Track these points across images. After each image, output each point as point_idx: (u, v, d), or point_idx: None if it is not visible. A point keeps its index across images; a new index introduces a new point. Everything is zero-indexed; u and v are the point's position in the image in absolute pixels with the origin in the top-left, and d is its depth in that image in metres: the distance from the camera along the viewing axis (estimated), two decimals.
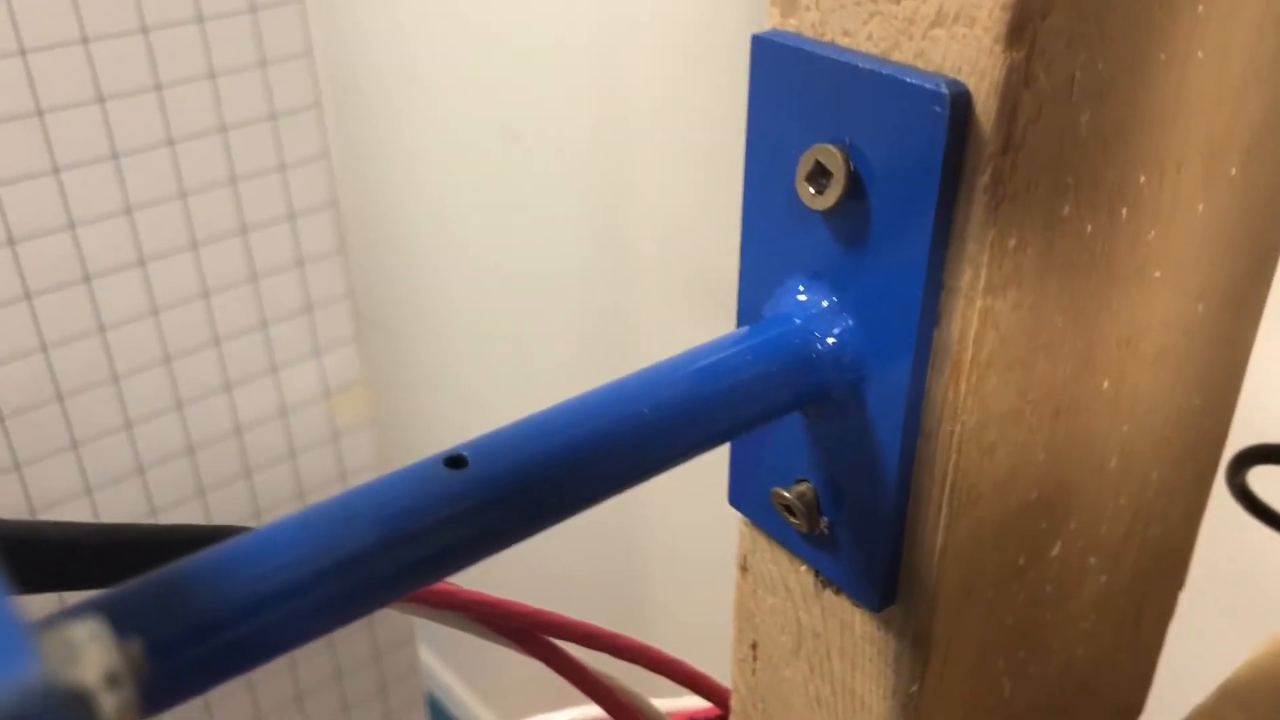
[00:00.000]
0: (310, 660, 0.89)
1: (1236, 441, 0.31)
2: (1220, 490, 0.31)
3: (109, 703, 0.09)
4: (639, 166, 0.83)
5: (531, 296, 0.98)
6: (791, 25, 0.20)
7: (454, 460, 0.17)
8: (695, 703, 0.33)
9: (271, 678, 0.87)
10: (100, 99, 0.68)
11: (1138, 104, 0.19)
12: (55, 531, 0.18)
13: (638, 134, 0.81)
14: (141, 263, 0.72)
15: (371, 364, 1.13)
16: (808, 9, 0.19)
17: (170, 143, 0.71)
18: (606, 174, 0.87)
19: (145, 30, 0.68)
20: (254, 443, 0.81)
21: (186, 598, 0.14)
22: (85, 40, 0.67)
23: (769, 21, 0.20)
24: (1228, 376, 0.26)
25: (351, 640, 0.91)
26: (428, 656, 1.38)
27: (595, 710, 0.31)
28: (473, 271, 1.05)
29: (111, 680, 0.09)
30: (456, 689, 1.36)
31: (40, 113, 0.66)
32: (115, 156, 0.69)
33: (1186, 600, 0.32)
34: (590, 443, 0.18)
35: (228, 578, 0.15)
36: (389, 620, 0.93)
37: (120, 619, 0.11)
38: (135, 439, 0.76)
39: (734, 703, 0.28)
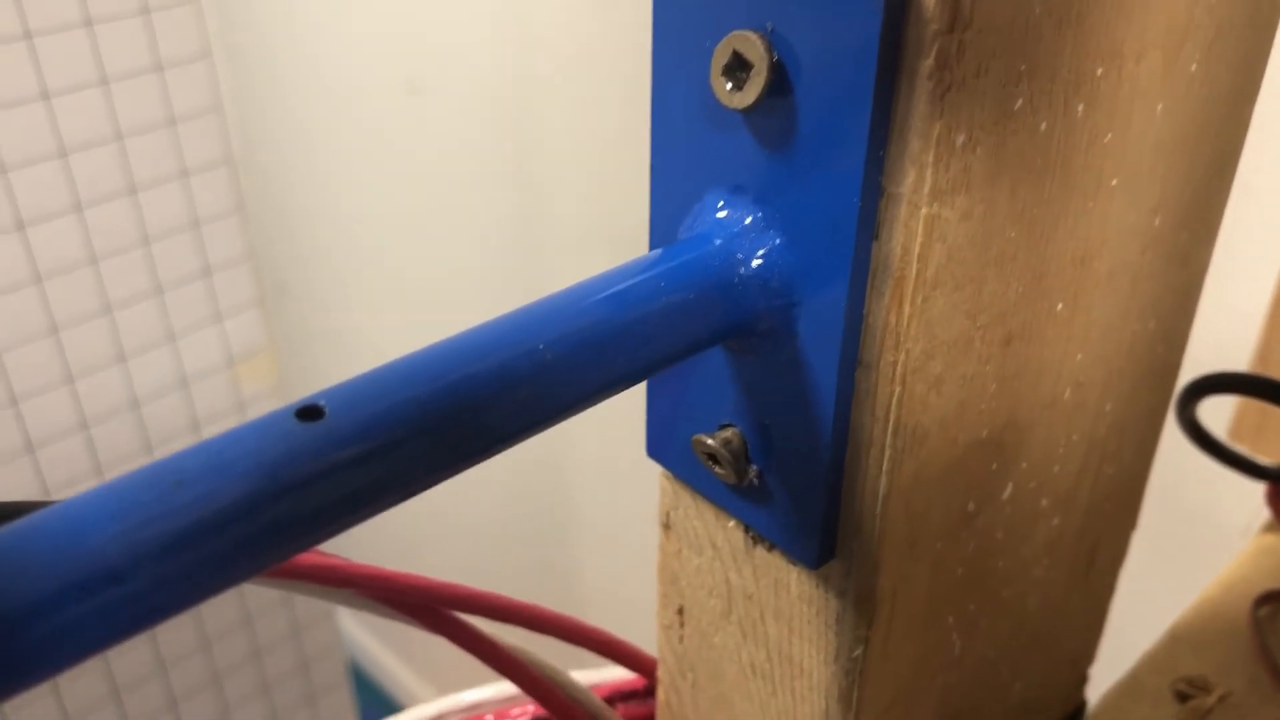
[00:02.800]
0: (227, 639, 0.86)
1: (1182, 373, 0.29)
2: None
3: None
4: (549, 116, 0.80)
5: (444, 254, 0.95)
6: None
7: (308, 411, 0.14)
8: (619, 674, 0.30)
9: (184, 660, 0.83)
10: None
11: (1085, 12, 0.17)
12: None
13: (547, 81, 0.78)
14: (21, 226, 0.67)
15: (277, 330, 1.09)
16: None
17: (46, 96, 0.66)
18: (515, 125, 0.83)
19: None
20: (153, 415, 0.76)
21: None
22: None
23: None
24: (1183, 298, 0.24)
25: (269, 617, 0.87)
26: (352, 626, 1.34)
27: (514, 689, 0.29)
28: (381, 230, 1.01)
29: None
30: (382, 657, 1.33)
31: None
32: None
33: (1135, 542, 0.30)
34: (476, 387, 0.15)
35: (26, 562, 0.12)
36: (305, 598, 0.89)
37: None
38: (23, 415, 0.71)
39: (661, 673, 0.25)
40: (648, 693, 0.29)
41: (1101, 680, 0.32)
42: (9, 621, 0.12)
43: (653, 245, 0.19)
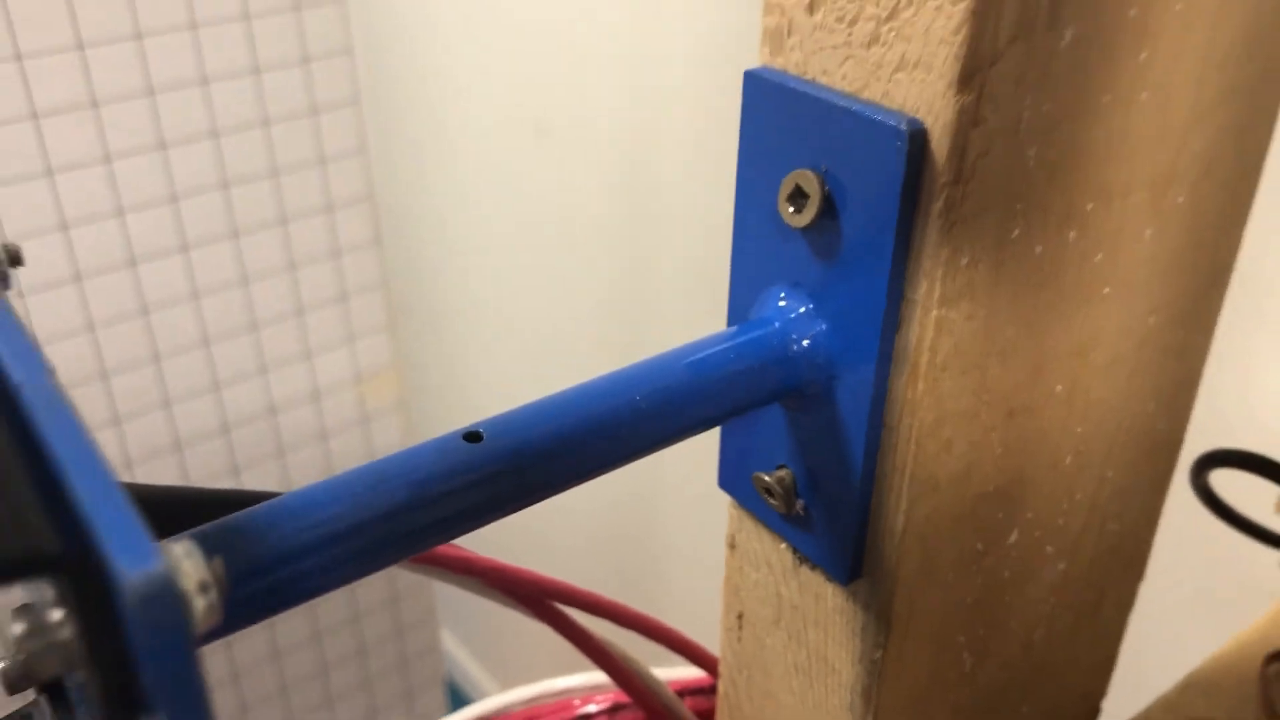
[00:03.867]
0: (335, 635, 0.93)
1: (1201, 445, 0.33)
2: (1186, 490, 0.34)
3: (199, 604, 0.12)
4: (664, 163, 0.86)
5: (556, 287, 1.01)
6: (779, 64, 0.22)
7: (472, 436, 0.19)
8: (692, 673, 0.35)
9: (298, 650, 0.90)
10: (150, 92, 0.71)
11: (1083, 140, 0.22)
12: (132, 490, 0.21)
13: (664, 131, 0.84)
14: (185, 249, 0.76)
15: (402, 350, 1.17)
16: (793, 50, 0.22)
17: (215, 135, 0.74)
18: (633, 169, 0.89)
19: (194, 26, 0.72)
20: (287, 424, 0.84)
21: (253, 538, 0.17)
22: (139, 36, 0.70)
23: (760, 59, 0.23)
24: (1181, 385, 0.29)
25: (375, 617, 0.94)
26: (447, 640, 1.41)
27: (600, 677, 0.34)
28: (501, 262, 1.08)
29: (202, 588, 0.12)
30: (473, 671, 1.40)
31: (95, 104, 0.69)
32: (163, 147, 0.73)
33: (1156, 595, 0.34)
34: (589, 425, 0.20)
35: (284, 524, 0.18)
36: (411, 599, 0.96)
37: (205, 548, 0.14)
38: (174, 417, 0.79)
39: (721, 668, 0.30)
40: (711, 690, 0.34)
41: (1117, 717, 0.36)
42: (269, 565, 0.18)
43: (730, 322, 0.25)
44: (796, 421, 0.24)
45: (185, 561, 0.12)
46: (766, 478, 0.25)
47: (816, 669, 0.27)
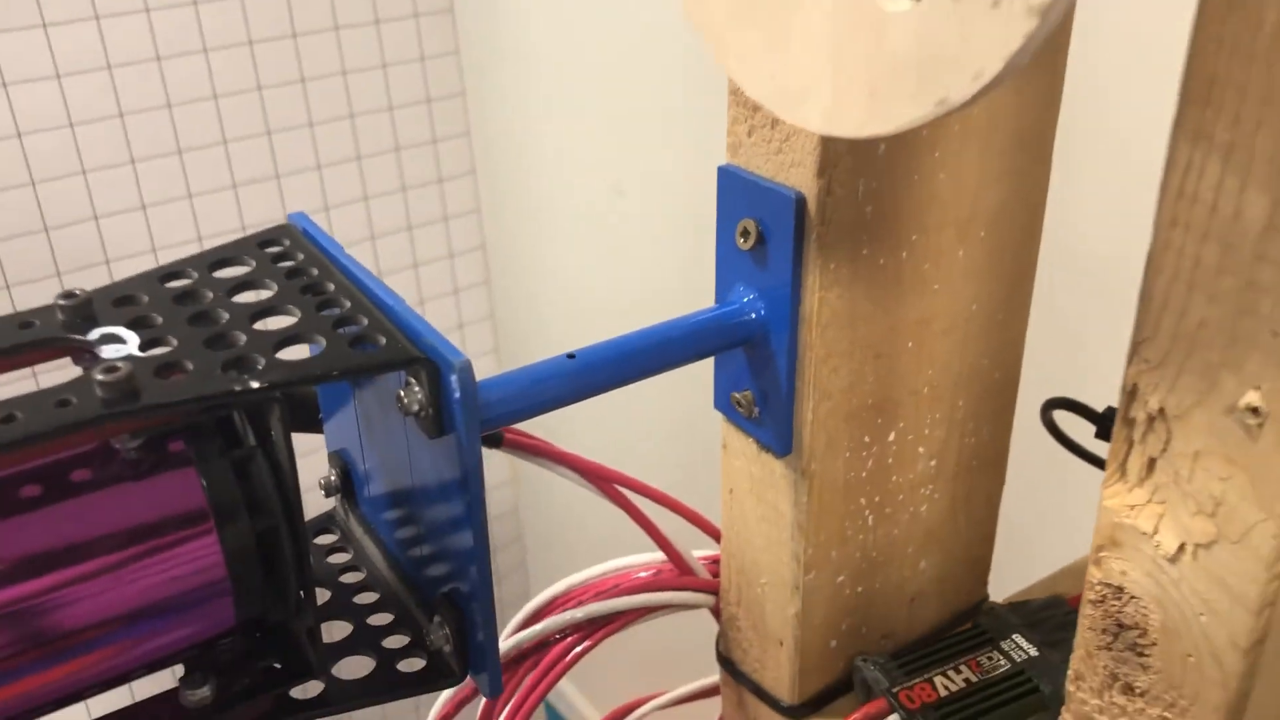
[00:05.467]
0: None
1: (1051, 392, 0.50)
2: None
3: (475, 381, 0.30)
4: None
5: (629, 315, 1.20)
6: (736, 162, 0.41)
7: (570, 356, 0.38)
8: (714, 553, 0.53)
9: None
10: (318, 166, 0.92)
11: (902, 200, 0.40)
12: None
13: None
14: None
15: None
16: (740, 155, 0.40)
17: (365, 198, 0.95)
18: (696, 224, 1.08)
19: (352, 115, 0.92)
20: None
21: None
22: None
23: (727, 158, 0.41)
24: (1007, 346, 0.46)
25: None
26: None
27: (656, 556, 0.52)
28: (585, 306, 1.28)
29: (462, 368, 0.30)
30: (566, 689, 1.57)
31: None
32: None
33: (1038, 493, 0.51)
34: (637, 349, 0.39)
35: (534, 372, 0.37)
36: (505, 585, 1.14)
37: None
38: None
39: (722, 529, 0.48)
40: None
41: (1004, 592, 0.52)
42: (525, 389, 0.36)
43: (716, 300, 0.43)
44: (752, 360, 0.42)
45: (462, 366, 0.30)
46: (738, 395, 0.43)
47: (772, 517, 0.44)
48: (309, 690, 0.33)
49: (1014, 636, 0.46)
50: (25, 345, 0.31)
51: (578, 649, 0.50)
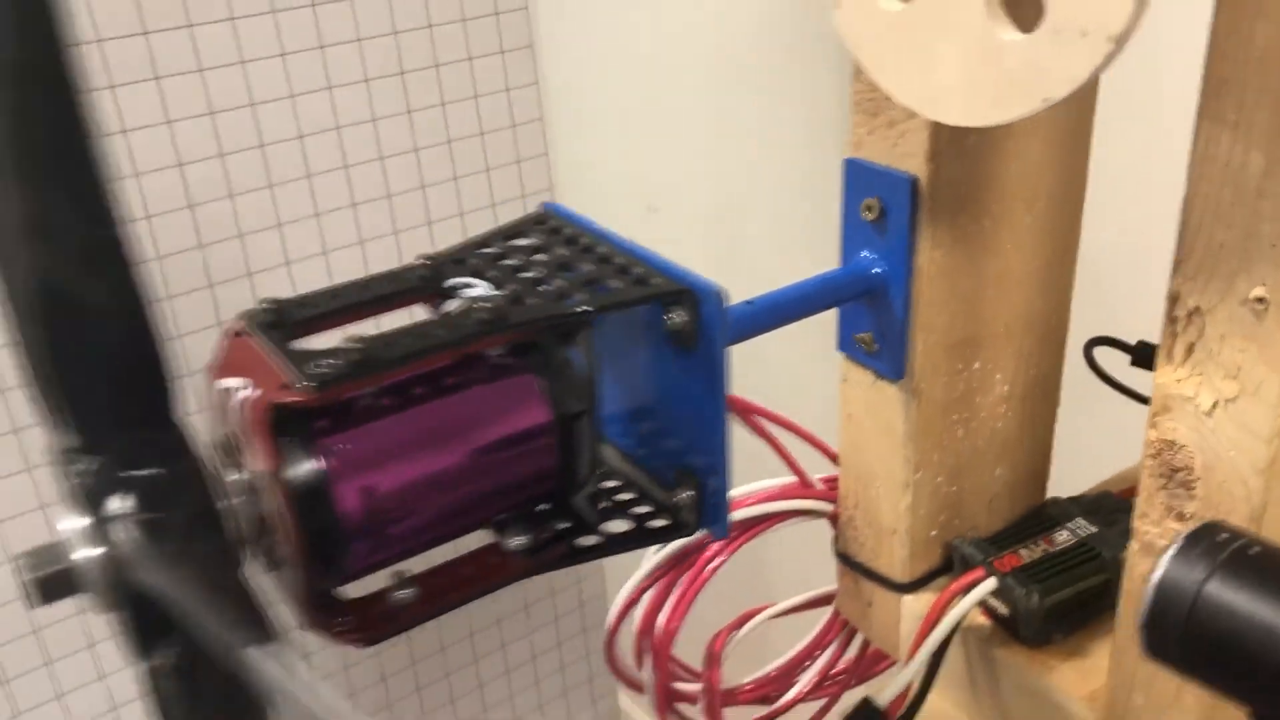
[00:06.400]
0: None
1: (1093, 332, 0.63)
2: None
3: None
4: (749, 235, 1.18)
5: None
6: (858, 154, 0.54)
7: (750, 303, 0.51)
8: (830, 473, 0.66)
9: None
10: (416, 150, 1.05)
11: (986, 180, 0.53)
12: None
13: (749, 210, 1.16)
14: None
15: None
16: (862, 148, 0.53)
17: (429, 223, 1.08)
18: (724, 239, 1.22)
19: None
20: None
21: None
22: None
23: (849, 154, 0.54)
24: (1060, 294, 0.59)
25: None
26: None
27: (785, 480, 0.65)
28: None
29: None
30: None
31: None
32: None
33: (1078, 418, 0.64)
34: (789, 301, 0.52)
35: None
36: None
37: None
38: None
39: (840, 449, 0.61)
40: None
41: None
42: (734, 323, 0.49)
43: (842, 264, 0.56)
44: (872, 307, 0.55)
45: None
46: (860, 336, 0.56)
47: (887, 430, 0.57)
48: (588, 542, 0.46)
49: (1076, 519, 0.59)
50: (405, 292, 0.43)
51: (721, 556, 0.63)
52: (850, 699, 0.67)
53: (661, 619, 0.62)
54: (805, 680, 0.70)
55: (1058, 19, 0.38)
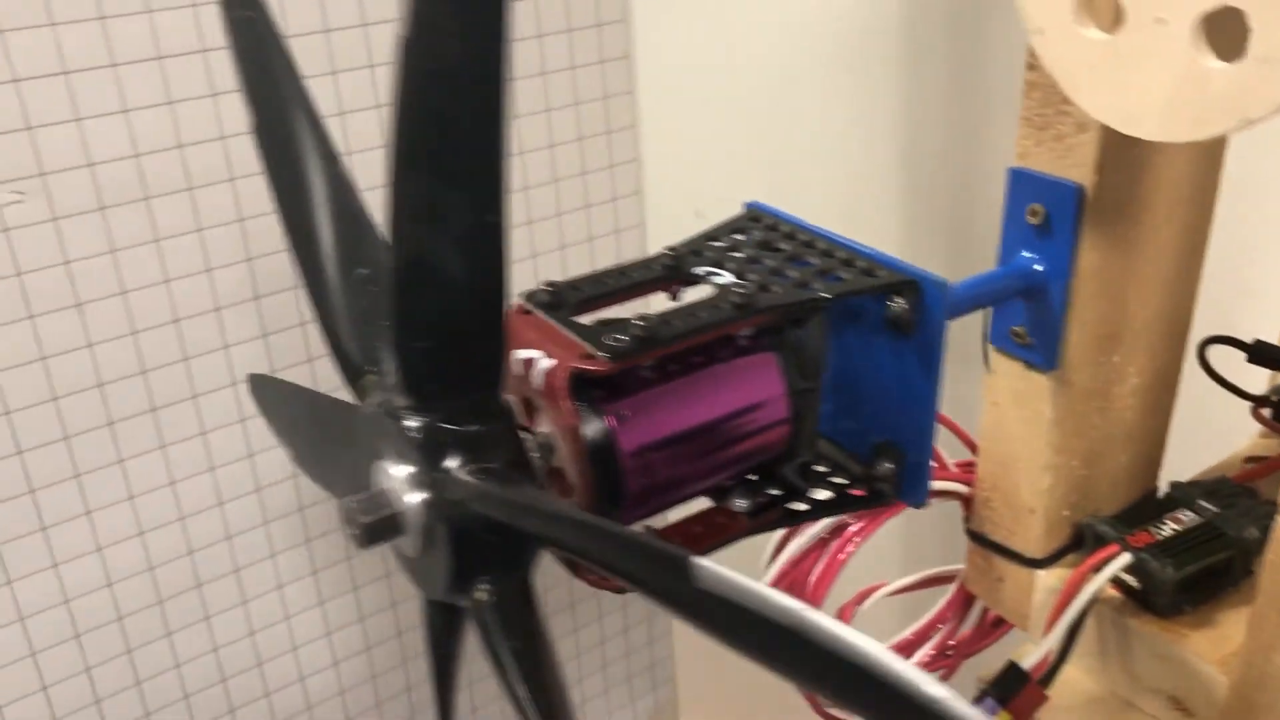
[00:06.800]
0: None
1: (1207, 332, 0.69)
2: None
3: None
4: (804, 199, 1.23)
5: None
6: (1023, 163, 0.59)
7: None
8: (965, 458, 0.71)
9: None
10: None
11: (1140, 189, 0.58)
12: None
13: (800, 171, 1.22)
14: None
15: None
16: (1028, 158, 0.59)
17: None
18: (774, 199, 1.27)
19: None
20: None
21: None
22: None
23: (1016, 163, 0.59)
24: (1186, 294, 0.65)
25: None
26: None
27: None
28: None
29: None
30: None
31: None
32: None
33: (1190, 418, 0.70)
34: (970, 294, 0.57)
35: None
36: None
37: None
38: None
39: (981, 436, 0.66)
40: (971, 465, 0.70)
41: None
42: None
43: (1000, 264, 0.61)
44: (1028, 303, 0.60)
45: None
46: (1016, 329, 0.61)
47: (1033, 418, 0.63)
48: (799, 507, 0.51)
49: (1199, 501, 0.64)
50: (656, 279, 0.48)
51: (861, 535, 0.68)
52: (961, 672, 0.73)
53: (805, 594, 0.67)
54: (922, 654, 0.75)
55: (1265, 48, 0.44)
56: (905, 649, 0.74)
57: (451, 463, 0.40)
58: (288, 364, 0.99)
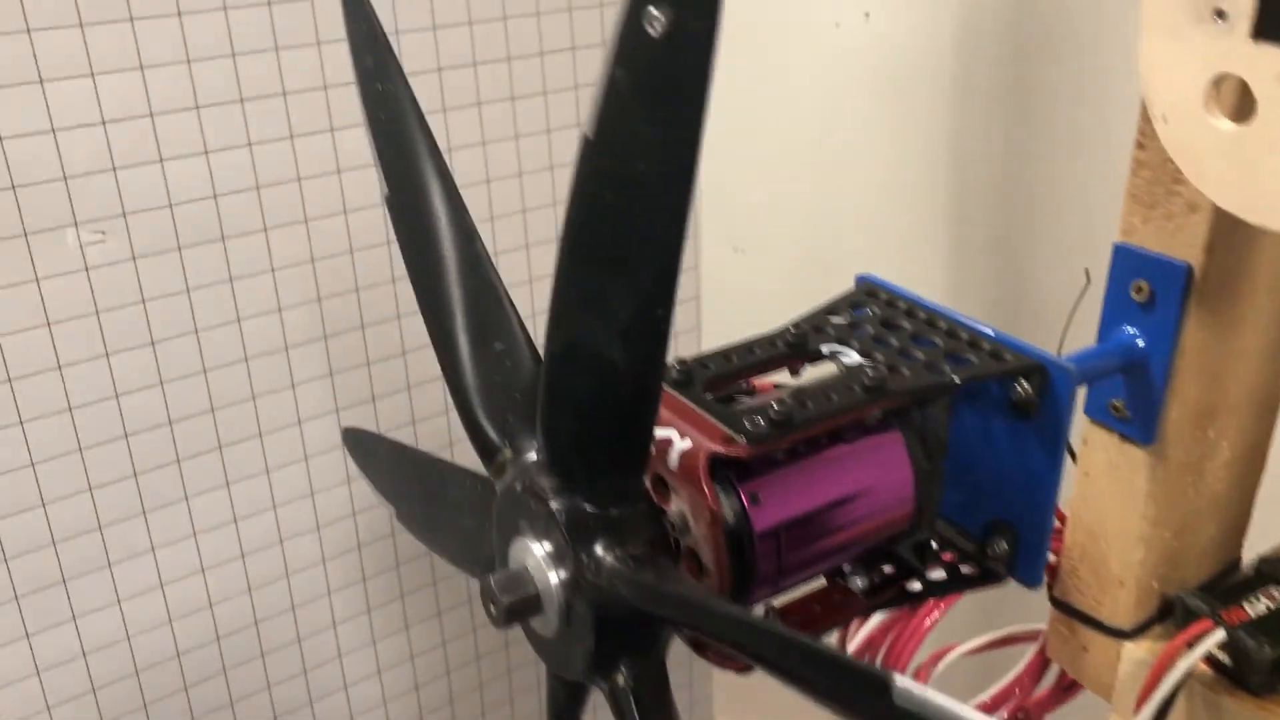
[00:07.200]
0: None
1: None
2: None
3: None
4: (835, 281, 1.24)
5: None
6: (1130, 240, 0.59)
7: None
8: None
9: None
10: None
11: (1245, 269, 0.58)
12: None
13: (836, 256, 1.22)
14: None
15: None
16: (1133, 235, 0.59)
17: None
18: (808, 283, 1.27)
19: None
20: None
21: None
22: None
23: (1120, 239, 0.60)
24: (1277, 370, 0.65)
25: None
26: None
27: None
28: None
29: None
30: None
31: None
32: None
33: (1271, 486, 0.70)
34: (1082, 368, 0.57)
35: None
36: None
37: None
38: None
39: (1072, 503, 0.66)
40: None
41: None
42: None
43: (1100, 339, 0.61)
44: (1127, 377, 0.61)
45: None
46: (1114, 402, 0.61)
47: (1127, 490, 0.63)
48: (914, 586, 0.51)
49: None
50: (781, 356, 0.49)
51: (944, 603, 0.68)
52: None
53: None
54: (998, 717, 0.75)
55: None
56: (985, 710, 0.74)
57: (597, 545, 0.40)
58: (352, 403, 0.99)
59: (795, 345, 0.49)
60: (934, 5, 1.12)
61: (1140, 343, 0.60)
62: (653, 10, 0.31)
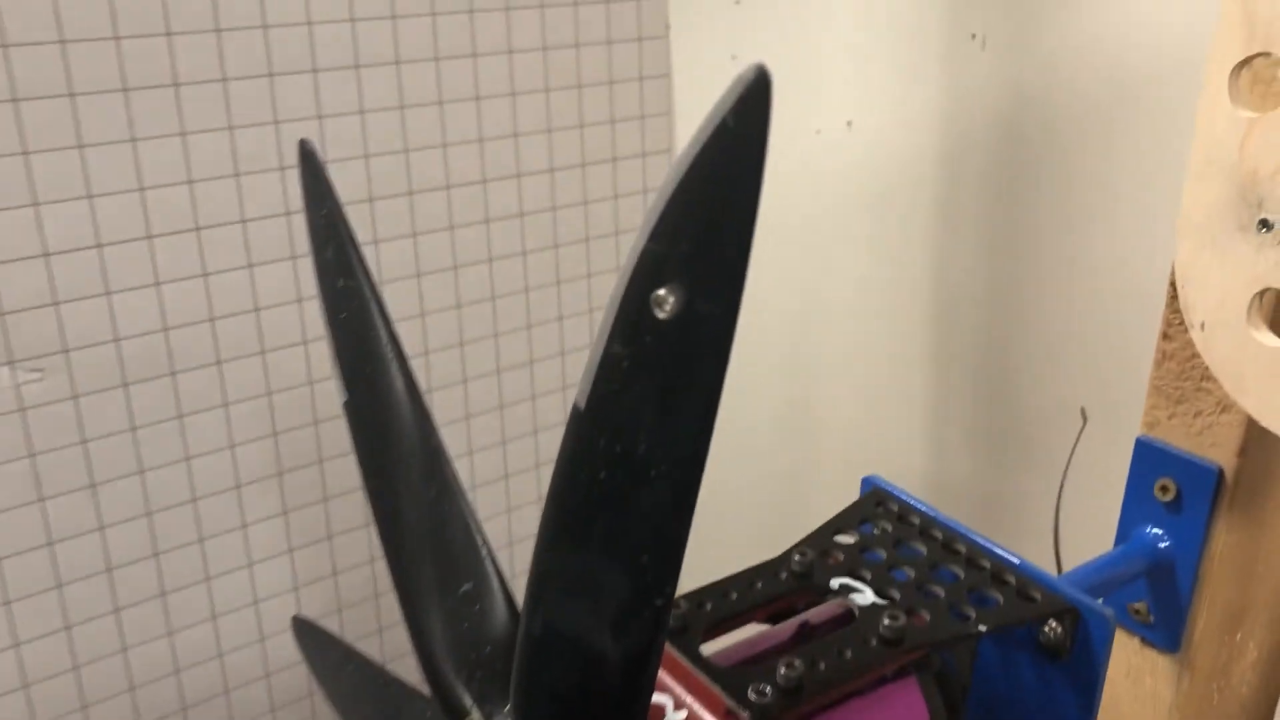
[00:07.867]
0: None
1: None
2: None
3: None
4: (827, 355, 1.19)
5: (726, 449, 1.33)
6: (1153, 434, 0.55)
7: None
8: None
9: None
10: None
11: (1271, 478, 0.54)
12: None
13: (828, 319, 1.18)
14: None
15: None
16: (1157, 429, 0.55)
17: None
18: (795, 343, 1.23)
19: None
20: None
21: None
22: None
23: (1142, 432, 0.55)
24: None
25: None
26: None
27: None
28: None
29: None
30: None
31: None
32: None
33: None
34: (1097, 577, 0.52)
35: None
36: None
37: None
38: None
39: None
40: None
41: None
42: None
43: (1117, 541, 0.57)
44: (1153, 580, 0.56)
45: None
46: (1135, 605, 0.57)
47: (1149, 698, 0.58)
48: None
49: None
50: (786, 593, 0.43)
51: None
52: None
53: None
54: None
55: None
56: None
57: None
58: (307, 541, 0.93)
59: (801, 576, 0.44)
60: (920, 113, 1.09)
61: (1164, 544, 0.55)
62: (661, 292, 0.27)
